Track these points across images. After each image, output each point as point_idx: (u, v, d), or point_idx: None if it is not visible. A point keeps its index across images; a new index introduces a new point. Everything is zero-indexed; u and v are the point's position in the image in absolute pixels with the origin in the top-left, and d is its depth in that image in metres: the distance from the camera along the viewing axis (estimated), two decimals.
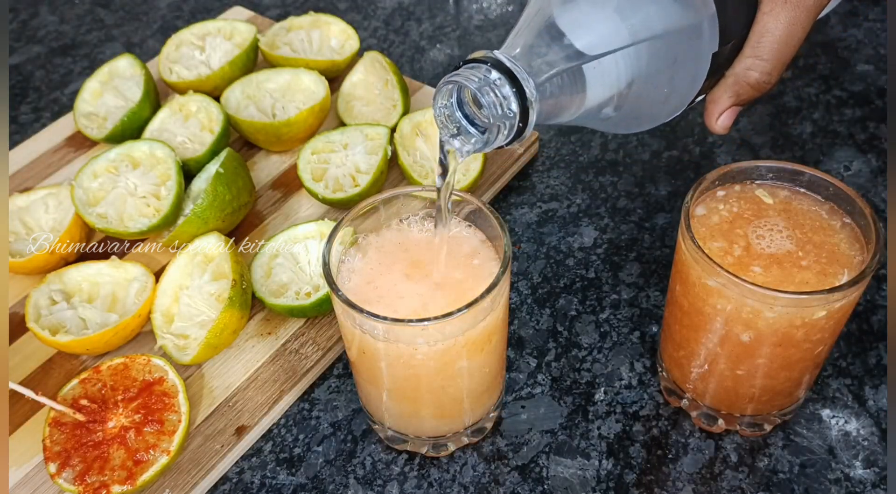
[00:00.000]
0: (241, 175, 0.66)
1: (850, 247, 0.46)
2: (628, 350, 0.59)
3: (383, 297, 0.45)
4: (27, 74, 0.90)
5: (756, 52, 0.45)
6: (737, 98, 0.47)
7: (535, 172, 0.73)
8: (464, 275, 0.46)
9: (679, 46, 0.41)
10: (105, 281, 0.62)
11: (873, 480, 0.51)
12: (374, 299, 0.45)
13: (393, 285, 0.46)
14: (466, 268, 0.46)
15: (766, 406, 0.52)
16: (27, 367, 0.60)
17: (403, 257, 0.47)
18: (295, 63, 0.77)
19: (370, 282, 0.46)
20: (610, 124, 0.46)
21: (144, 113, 0.74)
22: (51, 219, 0.67)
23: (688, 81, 0.43)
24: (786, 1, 0.44)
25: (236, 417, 0.56)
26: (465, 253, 0.47)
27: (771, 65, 0.45)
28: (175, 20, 0.97)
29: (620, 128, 0.47)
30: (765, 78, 0.46)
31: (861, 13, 0.87)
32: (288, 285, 0.61)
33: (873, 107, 0.77)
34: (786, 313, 0.44)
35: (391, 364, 0.47)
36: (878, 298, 0.61)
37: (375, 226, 0.49)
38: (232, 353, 0.60)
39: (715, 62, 0.43)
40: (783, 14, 0.45)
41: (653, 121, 0.46)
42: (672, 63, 0.41)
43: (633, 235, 0.67)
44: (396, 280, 0.46)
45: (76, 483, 0.50)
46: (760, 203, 0.49)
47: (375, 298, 0.45)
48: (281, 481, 0.54)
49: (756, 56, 0.45)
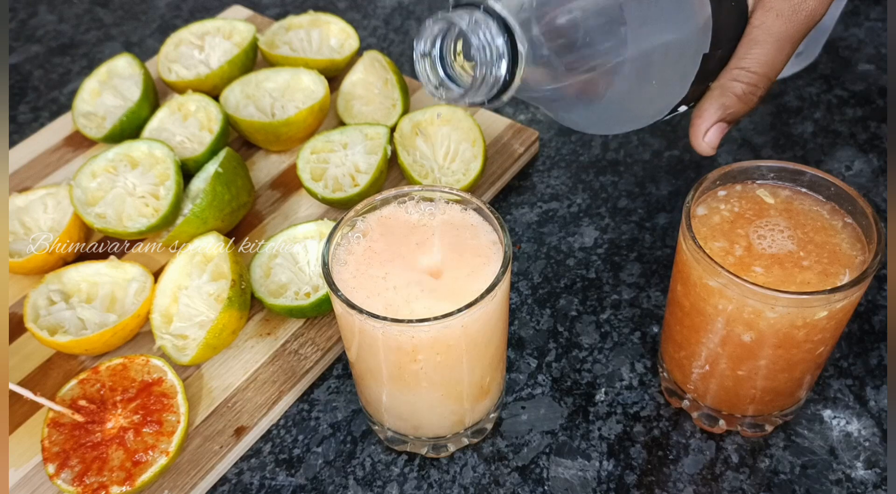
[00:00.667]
0: (241, 175, 0.66)
1: (852, 247, 0.46)
2: (629, 351, 0.59)
3: (380, 293, 0.45)
4: (26, 73, 0.90)
5: (743, 63, 0.45)
6: (723, 110, 0.46)
7: (536, 172, 0.73)
8: (462, 264, 0.46)
9: (672, 38, 0.40)
10: (104, 281, 0.62)
11: (874, 481, 0.51)
12: (371, 290, 0.45)
13: (392, 275, 0.45)
14: (466, 259, 0.46)
15: (768, 407, 0.52)
16: (26, 367, 0.59)
17: (402, 243, 0.46)
18: (294, 62, 0.77)
19: (365, 272, 0.46)
20: (593, 119, 0.45)
21: (143, 112, 0.73)
22: (49, 219, 0.67)
23: (676, 78, 0.43)
24: (777, 15, 0.44)
25: (235, 418, 0.56)
26: (465, 243, 0.47)
27: (758, 77, 0.45)
28: (174, 19, 0.97)
29: (602, 126, 0.46)
30: (751, 89, 0.45)
31: (862, 13, 0.87)
32: (287, 285, 0.61)
33: (874, 107, 0.77)
34: (787, 313, 0.43)
35: (391, 365, 0.46)
36: (880, 298, 0.61)
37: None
38: (231, 353, 0.60)
39: (704, 66, 0.43)
40: (774, 27, 0.44)
41: (636, 121, 0.46)
42: (663, 54, 0.41)
43: (633, 235, 0.67)
44: (395, 270, 0.45)
45: (75, 484, 0.50)
46: (761, 203, 0.48)
47: (372, 290, 0.45)
48: (280, 482, 0.54)
49: (743, 68, 0.45)
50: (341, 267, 0.46)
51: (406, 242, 0.47)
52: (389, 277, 0.45)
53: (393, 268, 0.46)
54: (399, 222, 0.48)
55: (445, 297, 0.43)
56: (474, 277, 0.45)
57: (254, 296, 0.60)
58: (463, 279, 0.45)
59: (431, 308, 0.43)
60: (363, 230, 0.48)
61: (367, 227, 0.48)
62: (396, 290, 0.44)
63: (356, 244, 0.47)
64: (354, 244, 0.47)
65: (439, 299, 0.43)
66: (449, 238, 0.47)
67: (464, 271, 0.45)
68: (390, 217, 0.49)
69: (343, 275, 0.46)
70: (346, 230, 0.48)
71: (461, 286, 0.44)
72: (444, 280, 0.45)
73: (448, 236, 0.47)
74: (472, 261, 0.45)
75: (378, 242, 0.47)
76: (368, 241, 0.47)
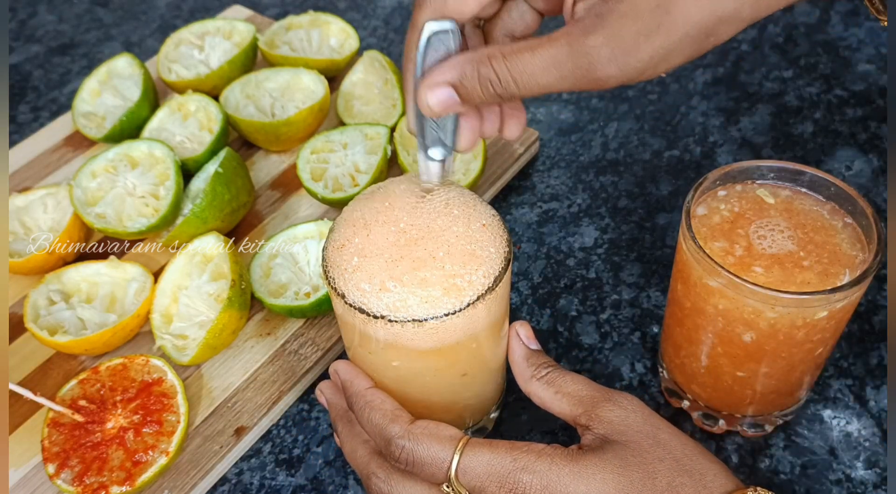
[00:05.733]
0: (240, 175, 0.66)
1: (852, 247, 0.46)
2: (629, 351, 0.59)
3: (376, 282, 0.44)
4: (25, 73, 0.90)
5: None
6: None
7: (536, 172, 0.73)
8: (463, 264, 0.45)
9: None
10: (104, 281, 0.62)
11: (875, 481, 0.51)
12: (371, 290, 0.44)
13: (392, 275, 0.45)
14: (467, 259, 0.46)
15: (768, 407, 0.51)
16: (26, 368, 0.59)
17: (403, 243, 0.46)
18: (294, 62, 0.77)
19: (360, 263, 0.45)
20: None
21: (143, 112, 0.73)
22: (49, 219, 0.67)
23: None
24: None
25: (235, 418, 0.56)
26: (466, 243, 0.47)
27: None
28: (174, 19, 0.97)
29: None
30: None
31: (862, 12, 0.87)
32: (287, 285, 0.61)
33: (874, 106, 0.77)
34: (787, 313, 0.43)
35: (390, 364, 0.46)
36: (880, 298, 0.61)
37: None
38: (231, 353, 0.59)
39: None
40: None
41: None
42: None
43: (633, 235, 0.67)
44: (396, 269, 0.45)
45: (75, 484, 0.50)
46: (762, 203, 0.48)
47: (373, 290, 0.44)
48: (280, 482, 0.54)
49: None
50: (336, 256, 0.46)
51: (406, 242, 0.47)
52: (389, 277, 0.45)
53: (393, 268, 0.46)
54: (399, 221, 0.48)
55: (446, 297, 0.43)
56: (475, 277, 0.45)
57: (254, 296, 0.60)
58: (463, 279, 0.45)
59: (432, 308, 0.43)
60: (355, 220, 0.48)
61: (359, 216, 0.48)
62: (397, 290, 0.44)
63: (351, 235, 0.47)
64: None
65: (439, 299, 0.43)
66: (449, 238, 0.47)
67: (464, 270, 0.45)
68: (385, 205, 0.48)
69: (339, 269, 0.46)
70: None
71: (462, 286, 0.44)
72: (444, 280, 0.45)
73: (449, 236, 0.47)
74: (473, 261, 0.45)
75: (378, 242, 0.47)
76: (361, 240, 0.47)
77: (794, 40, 0.84)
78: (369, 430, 0.45)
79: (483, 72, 0.39)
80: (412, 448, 0.43)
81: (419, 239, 0.45)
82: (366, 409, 0.45)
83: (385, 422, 0.44)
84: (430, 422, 0.44)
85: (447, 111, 0.42)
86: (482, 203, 0.48)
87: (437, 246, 0.45)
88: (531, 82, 0.39)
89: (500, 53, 0.39)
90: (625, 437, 0.42)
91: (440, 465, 0.42)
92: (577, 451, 0.42)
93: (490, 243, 0.46)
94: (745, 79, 0.80)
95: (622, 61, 0.37)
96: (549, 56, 0.38)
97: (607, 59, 0.37)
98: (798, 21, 0.86)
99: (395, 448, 0.43)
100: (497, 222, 0.47)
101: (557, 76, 0.38)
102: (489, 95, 0.40)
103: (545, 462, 0.41)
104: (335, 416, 0.50)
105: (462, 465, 0.42)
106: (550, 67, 0.38)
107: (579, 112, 0.79)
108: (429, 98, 0.41)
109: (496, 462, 0.41)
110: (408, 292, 0.43)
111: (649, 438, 0.42)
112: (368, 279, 0.44)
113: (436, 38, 0.41)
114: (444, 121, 0.44)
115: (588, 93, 0.80)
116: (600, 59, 0.37)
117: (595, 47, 0.37)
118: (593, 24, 0.37)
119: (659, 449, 0.42)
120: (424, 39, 0.41)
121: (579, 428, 0.44)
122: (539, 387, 0.46)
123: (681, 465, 0.41)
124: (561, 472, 0.40)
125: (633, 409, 0.43)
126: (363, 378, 0.47)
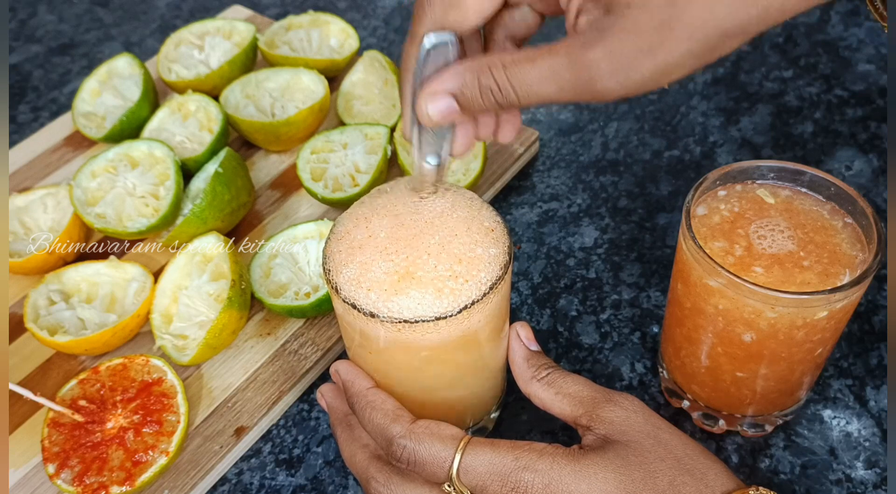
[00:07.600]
0: (240, 175, 0.66)
1: (852, 247, 0.46)
2: (629, 351, 0.59)
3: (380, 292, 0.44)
4: (25, 73, 0.90)
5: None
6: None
7: (536, 172, 0.73)
8: (464, 264, 0.45)
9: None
10: (104, 281, 0.62)
11: (874, 481, 0.51)
12: (371, 290, 0.44)
13: (392, 275, 0.45)
14: (467, 258, 0.46)
15: (768, 407, 0.51)
16: (25, 368, 0.59)
17: (403, 243, 0.46)
18: (294, 62, 0.77)
19: (361, 263, 0.45)
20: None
21: (143, 112, 0.73)
22: (49, 219, 0.67)
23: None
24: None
25: (235, 418, 0.56)
26: (466, 243, 0.47)
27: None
28: (174, 19, 0.97)
29: None
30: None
31: (862, 12, 0.87)
32: (287, 285, 0.61)
33: (875, 106, 0.77)
34: (787, 313, 0.43)
35: (391, 364, 0.46)
36: (880, 298, 0.61)
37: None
38: (231, 353, 0.59)
39: None
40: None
41: None
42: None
43: (633, 235, 0.67)
44: (396, 269, 0.45)
45: (75, 484, 0.50)
46: (762, 203, 0.48)
47: (366, 283, 0.44)
48: (280, 482, 0.54)
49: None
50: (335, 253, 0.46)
51: (409, 242, 0.47)
52: (391, 277, 0.45)
53: (395, 268, 0.46)
54: (400, 221, 0.48)
55: (446, 297, 0.43)
56: (476, 277, 0.45)
57: (254, 296, 0.60)
58: (464, 279, 0.45)
59: (432, 308, 0.43)
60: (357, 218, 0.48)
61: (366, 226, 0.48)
62: (399, 290, 0.44)
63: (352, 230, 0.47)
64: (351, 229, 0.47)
65: (440, 298, 0.43)
66: (450, 238, 0.47)
67: (465, 270, 0.45)
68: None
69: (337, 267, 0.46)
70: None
71: (462, 286, 0.44)
72: (444, 280, 0.45)
73: (449, 235, 0.47)
74: (474, 262, 0.45)
75: (380, 242, 0.47)
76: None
77: (794, 40, 0.84)
78: (370, 430, 0.45)
79: (483, 81, 0.39)
80: (414, 448, 0.43)
81: (421, 240, 0.45)
82: (367, 409, 0.46)
83: (386, 422, 0.44)
84: (432, 422, 0.44)
85: (446, 121, 0.42)
86: (483, 204, 0.48)
87: (439, 247, 0.45)
88: (531, 93, 0.39)
89: (501, 63, 0.39)
90: (626, 437, 0.42)
91: (441, 464, 0.42)
92: (578, 450, 0.42)
93: (491, 243, 0.46)
94: (745, 79, 0.80)
95: (622, 76, 0.37)
96: (550, 68, 0.38)
97: (607, 74, 0.37)
98: (798, 21, 0.86)
99: (397, 447, 0.43)
100: (498, 223, 0.47)
101: (557, 88, 0.38)
102: (489, 105, 0.40)
103: (547, 461, 0.41)
104: (335, 420, 0.50)
105: (464, 464, 0.42)
106: (550, 78, 0.38)
107: (579, 112, 0.79)
108: (429, 108, 0.41)
109: (498, 461, 0.41)
110: (409, 293, 0.43)
111: (650, 438, 0.42)
112: (369, 279, 0.44)
113: (435, 50, 0.41)
114: (441, 128, 0.44)
115: None
116: (600, 74, 0.37)
117: (595, 61, 0.37)
118: (595, 38, 0.37)
119: (660, 449, 0.42)
120: (424, 52, 0.41)
121: (580, 429, 0.44)
122: (539, 388, 0.46)
123: (682, 464, 0.41)
124: (562, 471, 0.40)
125: (633, 409, 0.43)
126: (364, 378, 0.48)
